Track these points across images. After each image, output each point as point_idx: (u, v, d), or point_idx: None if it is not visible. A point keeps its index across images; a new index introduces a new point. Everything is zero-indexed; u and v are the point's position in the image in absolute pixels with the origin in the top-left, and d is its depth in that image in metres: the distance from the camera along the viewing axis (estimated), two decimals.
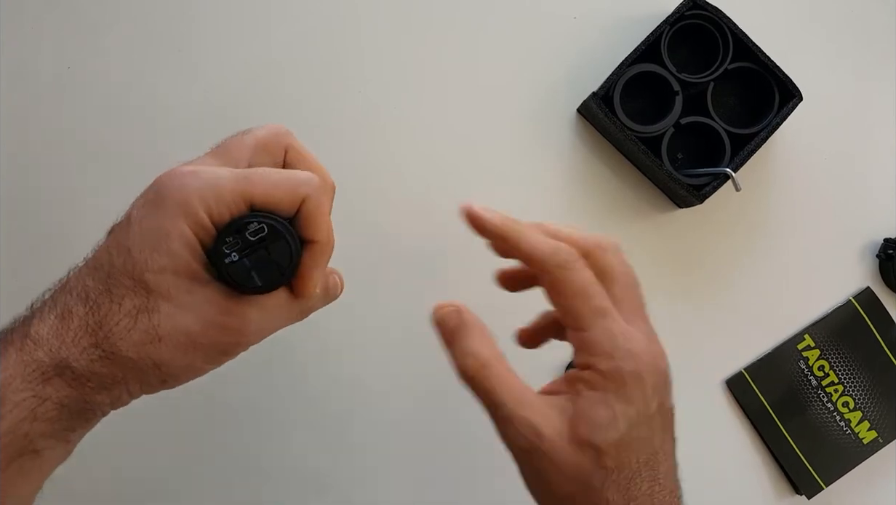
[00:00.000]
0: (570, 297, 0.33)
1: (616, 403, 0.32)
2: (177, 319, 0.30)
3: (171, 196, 0.30)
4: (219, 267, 0.30)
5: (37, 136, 0.54)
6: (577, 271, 0.33)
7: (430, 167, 0.56)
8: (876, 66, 0.59)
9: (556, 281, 0.33)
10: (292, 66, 0.56)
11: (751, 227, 0.58)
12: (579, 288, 0.33)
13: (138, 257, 0.30)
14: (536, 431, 0.32)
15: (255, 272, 0.30)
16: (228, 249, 0.30)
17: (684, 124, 0.53)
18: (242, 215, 0.30)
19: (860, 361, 0.57)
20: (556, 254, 0.33)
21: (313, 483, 0.54)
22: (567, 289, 0.33)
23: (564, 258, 0.33)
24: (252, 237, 0.30)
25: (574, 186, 0.57)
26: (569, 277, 0.33)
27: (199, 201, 0.30)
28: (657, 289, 0.57)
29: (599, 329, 0.33)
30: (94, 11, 0.55)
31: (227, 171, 0.31)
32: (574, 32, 0.57)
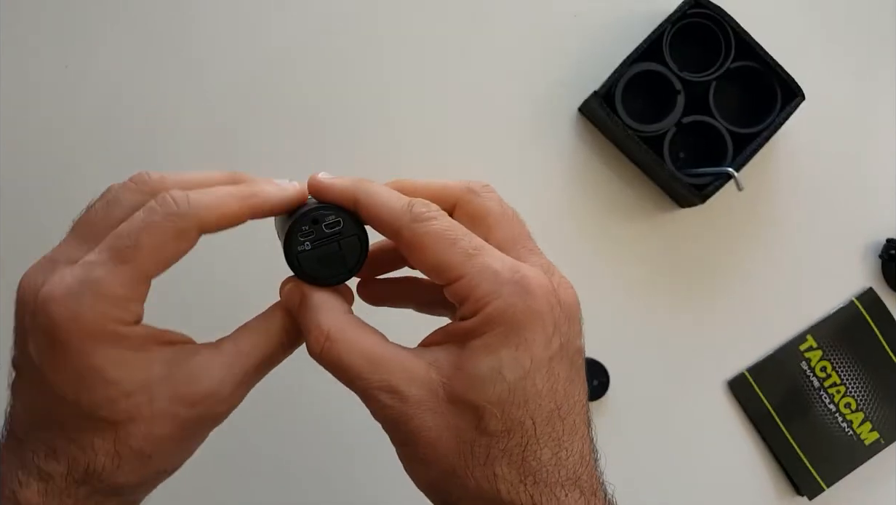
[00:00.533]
0: (432, 248, 0.28)
1: (503, 349, 0.27)
2: (155, 430, 0.28)
3: (69, 334, 0.26)
4: (290, 253, 0.30)
5: (34, 135, 0.54)
6: (436, 220, 0.28)
7: (429, 167, 0.56)
8: (879, 66, 0.59)
9: (414, 237, 0.28)
10: (292, 65, 0.56)
11: (753, 227, 0.57)
12: (440, 236, 0.28)
13: (80, 400, 0.27)
14: (398, 392, 0.27)
15: (322, 264, 0.30)
16: (303, 238, 0.29)
17: (686, 123, 0.53)
18: (320, 206, 0.30)
19: (862, 361, 0.57)
20: (409, 208, 0.28)
21: (314, 482, 0.54)
22: (427, 241, 0.28)
23: (419, 210, 0.28)
24: (327, 229, 0.30)
25: (575, 186, 0.57)
26: (426, 227, 0.28)
27: (106, 321, 0.27)
28: (658, 289, 0.57)
29: (476, 269, 0.27)
30: (92, 9, 0.55)
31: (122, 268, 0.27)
32: (575, 31, 0.57)
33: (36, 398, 0.28)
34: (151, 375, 0.28)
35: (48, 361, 0.27)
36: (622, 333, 0.56)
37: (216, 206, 0.28)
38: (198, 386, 0.29)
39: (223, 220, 0.28)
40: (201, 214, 0.27)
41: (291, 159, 0.55)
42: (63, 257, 0.28)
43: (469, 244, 0.28)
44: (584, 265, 0.56)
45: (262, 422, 0.53)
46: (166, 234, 0.27)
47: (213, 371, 0.29)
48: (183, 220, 0.27)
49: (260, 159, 0.55)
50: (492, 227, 0.30)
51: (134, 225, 0.27)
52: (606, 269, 0.57)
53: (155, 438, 0.28)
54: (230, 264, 0.52)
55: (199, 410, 0.29)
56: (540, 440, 0.27)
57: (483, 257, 0.28)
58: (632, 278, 0.57)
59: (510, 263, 0.28)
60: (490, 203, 0.31)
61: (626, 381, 0.55)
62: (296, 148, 0.55)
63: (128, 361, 0.27)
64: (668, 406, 0.56)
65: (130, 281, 0.27)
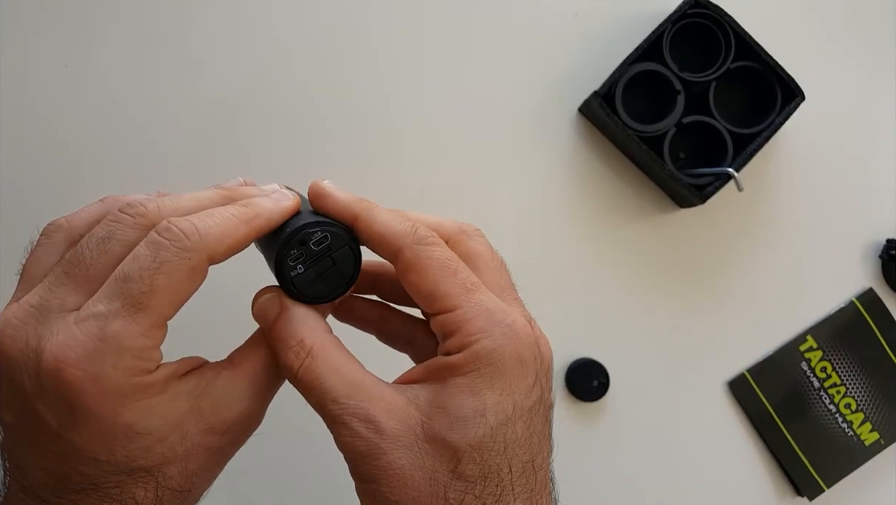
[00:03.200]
0: (433, 274, 0.27)
1: (487, 391, 0.26)
2: (190, 465, 0.27)
3: (93, 399, 0.24)
4: (284, 280, 0.29)
5: (34, 135, 0.54)
6: (438, 247, 0.28)
7: (429, 166, 0.56)
8: (879, 66, 0.59)
9: (416, 259, 0.28)
10: (291, 66, 0.56)
11: (753, 228, 0.57)
12: (442, 263, 0.28)
13: (115, 458, 0.25)
14: (374, 423, 0.25)
15: (320, 282, 0.29)
16: (293, 262, 0.28)
17: (686, 124, 0.53)
18: (304, 224, 0.29)
19: (862, 362, 0.57)
20: (414, 230, 0.28)
21: (314, 482, 0.53)
22: (429, 265, 0.28)
23: (423, 234, 0.28)
24: (316, 247, 0.29)
25: (575, 186, 0.56)
26: (430, 252, 0.28)
27: (129, 376, 0.25)
28: (658, 289, 0.57)
29: (472, 305, 0.27)
30: (92, 9, 0.55)
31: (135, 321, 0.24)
32: (575, 31, 0.57)
33: (58, 460, 0.25)
34: (179, 412, 0.26)
35: (71, 427, 0.24)
36: (622, 333, 0.56)
37: (225, 235, 0.26)
38: (227, 413, 0.27)
39: (232, 248, 0.27)
40: (211, 246, 0.26)
41: (291, 159, 0.55)
42: (55, 305, 0.25)
43: (468, 278, 0.28)
44: (584, 265, 0.56)
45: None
46: (181, 272, 0.25)
47: (238, 394, 0.28)
48: (196, 255, 0.25)
49: (259, 160, 0.55)
50: (481, 270, 0.30)
51: (144, 265, 0.25)
52: (606, 269, 0.57)
53: (191, 473, 0.27)
54: (227, 267, 0.52)
55: (229, 436, 0.28)
56: (515, 490, 0.26)
57: (479, 294, 0.28)
58: (632, 278, 0.57)
59: (502, 305, 0.28)
60: (481, 247, 0.31)
61: (626, 381, 0.55)
62: (295, 148, 0.55)
63: (156, 409, 0.26)
64: (668, 406, 0.56)
65: (150, 329, 0.25)
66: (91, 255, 0.26)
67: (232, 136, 0.55)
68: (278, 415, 0.32)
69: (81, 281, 0.26)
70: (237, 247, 0.27)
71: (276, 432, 0.32)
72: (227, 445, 0.28)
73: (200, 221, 0.26)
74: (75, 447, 0.25)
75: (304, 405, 0.28)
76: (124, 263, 0.25)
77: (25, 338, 0.25)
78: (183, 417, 0.26)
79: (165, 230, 0.25)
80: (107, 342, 0.24)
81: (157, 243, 0.25)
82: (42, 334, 0.25)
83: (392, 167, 0.56)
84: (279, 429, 0.54)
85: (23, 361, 0.25)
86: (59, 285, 0.26)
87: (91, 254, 0.26)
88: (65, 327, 0.24)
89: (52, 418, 0.24)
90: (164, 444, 0.26)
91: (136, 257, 0.25)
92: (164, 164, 0.54)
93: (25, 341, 0.25)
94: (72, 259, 0.26)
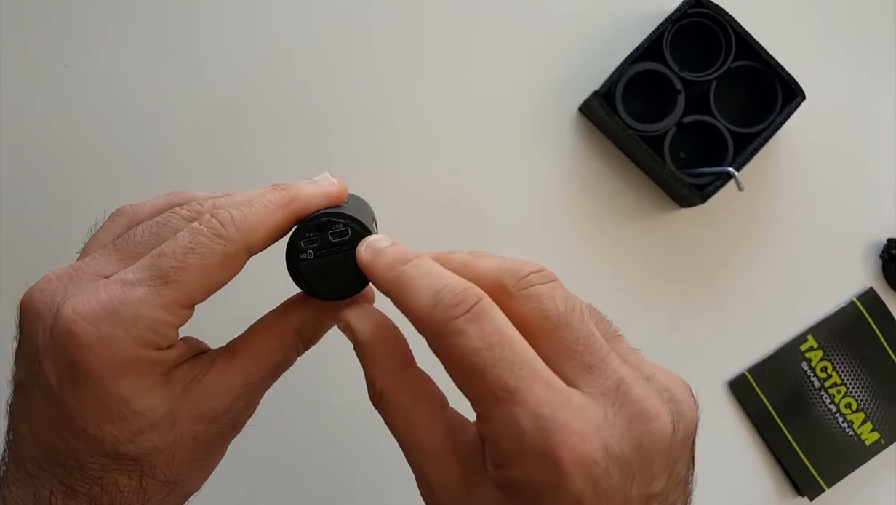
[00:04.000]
0: (457, 374, 0.23)
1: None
2: (177, 455, 0.26)
3: (98, 359, 0.24)
4: (291, 261, 0.28)
5: (34, 134, 0.54)
6: (464, 334, 0.22)
7: (429, 166, 0.56)
8: (880, 65, 0.59)
9: (440, 351, 0.23)
10: (292, 65, 0.56)
11: (753, 227, 0.57)
12: (467, 359, 0.22)
13: (102, 435, 0.25)
14: (430, 489, 0.25)
15: (326, 276, 0.28)
16: (306, 245, 0.27)
17: (687, 123, 0.53)
18: (328, 212, 0.28)
19: (863, 362, 0.57)
20: (435, 305, 0.23)
21: (315, 483, 0.53)
22: (452, 363, 0.23)
23: (442, 315, 0.23)
24: (333, 238, 0.27)
25: (575, 186, 0.56)
26: (454, 344, 0.23)
27: (140, 347, 0.24)
28: (658, 289, 0.57)
29: (501, 420, 0.22)
30: (92, 9, 0.55)
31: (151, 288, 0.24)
32: (575, 30, 0.57)
33: (50, 428, 0.25)
34: (174, 396, 0.26)
35: (69, 387, 0.24)
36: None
37: (261, 223, 0.26)
38: (217, 401, 0.27)
39: (270, 236, 0.27)
40: (248, 236, 0.26)
41: (291, 159, 0.55)
42: (93, 270, 0.26)
43: (499, 380, 0.22)
44: (583, 265, 0.56)
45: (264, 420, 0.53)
46: (215, 256, 0.25)
47: (231, 383, 0.27)
48: (232, 244, 0.25)
49: (260, 160, 0.55)
50: (537, 336, 0.24)
51: (180, 244, 0.25)
52: (606, 269, 0.57)
53: (177, 463, 0.26)
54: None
55: (219, 425, 0.27)
56: None
57: (510, 406, 0.22)
58: (632, 278, 0.56)
59: (544, 417, 0.22)
60: (528, 307, 0.24)
61: None
62: (295, 148, 0.55)
63: (154, 389, 0.25)
64: None
65: (172, 303, 0.25)
66: (143, 234, 0.27)
67: (232, 136, 0.55)
68: (272, 411, 0.32)
69: (124, 254, 0.26)
70: (276, 234, 0.27)
71: (270, 427, 0.32)
72: (215, 435, 0.27)
73: (237, 211, 0.26)
74: (68, 412, 0.24)
75: (300, 400, 0.28)
76: (165, 243, 0.26)
77: (53, 293, 0.25)
78: (177, 401, 0.26)
79: (206, 220, 0.26)
80: (126, 305, 0.24)
81: (196, 229, 0.26)
82: (70, 292, 0.25)
83: (392, 167, 0.56)
84: (273, 424, 0.54)
85: (44, 314, 0.25)
86: (103, 256, 0.27)
87: (143, 234, 0.27)
88: (92, 287, 0.25)
89: (53, 376, 0.24)
90: (155, 431, 0.25)
91: (175, 238, 0.26)
92: (164, 164, 0.54)
93: (52, 296, 0.25)
94: (124, 236, 0.27)
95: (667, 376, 0.26)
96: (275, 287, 0.30)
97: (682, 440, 0.24)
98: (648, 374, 0.25)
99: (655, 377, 0.25)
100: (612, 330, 0.28)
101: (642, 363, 0.26)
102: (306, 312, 0.29)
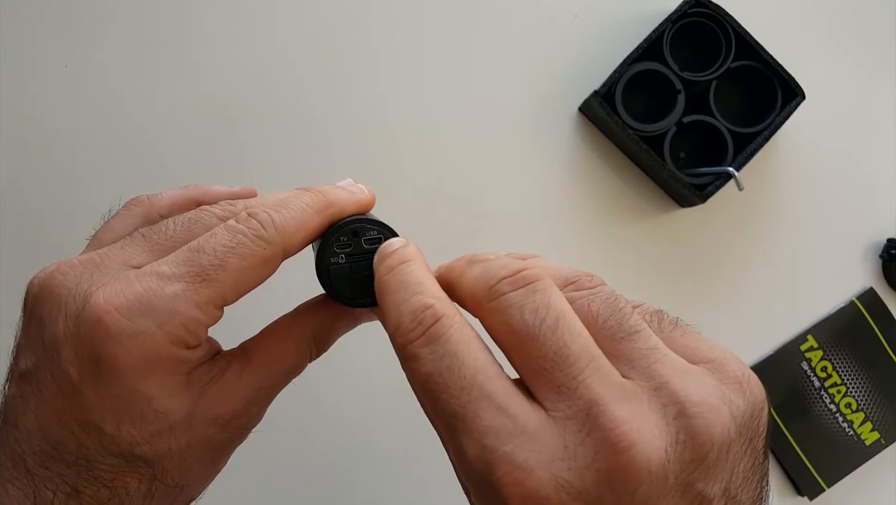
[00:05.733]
0: (420, 399, 0.22)
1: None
2: (188, 458, 0.25)
3: (127, 353, 0.23)
4: (322, 264, 0.27)
5: (33, 134, 0.54)
6: (418, 358, 0.22)
7: (430, 167, 0.56)
8: (880, 65, 0.59)
9: (406, 374, 0.22)
10: (292, 65, 0.55)
11: (753, 227, 0.57)
12: (420, 386, 0.22)
13: (119, 434, 0.23)
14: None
15: (353, 282, 0.27)
16: (339, 249, 0.27)
17: (686, 123, 0.53)
18: (362, 218, 0.28)
19: (863, 362, 0.57)
20: (397, 328, 0.23)
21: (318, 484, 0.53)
22: (414, 387, 0.22)
23: (404, 336, 0.22)
24: (366, 245, 0.27)
25: (575, 186, 0.56)
26: (409, 367, 0.22)
27: (170, 344, 0.23)
28: (658, 289, 0.57)
29: (452, 449, 0.22)
30: (92, 9, 0.55)
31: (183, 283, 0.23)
32: (575, 30, 0.57)
33: (60, 423, 0.24)
34: (193, 397, 0.25)
35: (91, 380, 0.23)
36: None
37: (300, 228, 0.26)
38: (231, 405, 0.26)
39: (306, 240, 0.26)
40: (287, 239, 0.25)
41: (291, 159, 0.55)
42: (121, 258, 0.25)
43: (447, 407, 0.21)
44: (583, 265, 0.56)
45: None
46: (254, 258, 0.25)
47: (247, 387, 0.27)
48: (271, 247, 0.25)
49: (260, 159, 0.55)
50: (509, 351, 0.22)
51: (220, 241, 0.24)
52: (606, 269, 0.56)
53: (188, 468, 0.25)
54: None
55: (230, 430, 0.27)
56: None
57: (459, 435, 0.21)
58: (631, 278, 0.56)
59: (489, 445, 0.20)
60: (497, 319, 0.23)
61: None
62: (295, 148, 0.55)
63: (179, 389, 0.24)
64: None
65: (207, 304, 0.24)
66: (175, 228, 0.26)
67: (232, 137, 0.55)
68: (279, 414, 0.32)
69: (155, 246, 0.25)
70: (311, 237, 0.27)
71: (275, 430, 0.32)
72: (225, 440, 0.27)
73: (277, 213, 0.26)
74: (85, 407, 0.23)
75: (302, 401, 0.28)
76: (200, 238, 0.25)
77: (78, 280, 0.24)
78: (195, 403, 0.25)
79: (245, 219, 0.25)
80: (162, 300, 0.23)
81: (236, 228, 0.25)
82: (97, 280, 0.24)
83: (392, 167, 0.56)
84: (279, 427, 0.54)
85: (67, 301, 0.24)
86: (131, 245, 0.26)
87: (175, 227, 0.26)
88: (124, 277, 0.24)
89: (73, 367, 0.23)
90: (172, 433, 0.24)
91: (213, 235, 0.25)
92: (163, 164, 0.54)
93: (77, 283, 0.24)
94: (153, 228, 0.26)
95: (694, 381, 0.21)
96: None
97: (690, 463, 0.20)
98: (661, 381, 0.21)
99: (669, 385, 0.21)
100: (632, 324, 0.23)
101: (662, 363, 0.22)
102: (324, 316, 0.29)
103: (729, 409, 0.21)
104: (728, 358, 0.23)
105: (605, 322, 0.23)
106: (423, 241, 0.29)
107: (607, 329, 0.23)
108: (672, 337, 0.24)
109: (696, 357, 0.23)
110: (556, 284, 0.23)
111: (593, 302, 0.24)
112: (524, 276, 0.23)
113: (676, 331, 0.24)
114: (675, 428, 0.20)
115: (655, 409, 0.21)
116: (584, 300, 0.24)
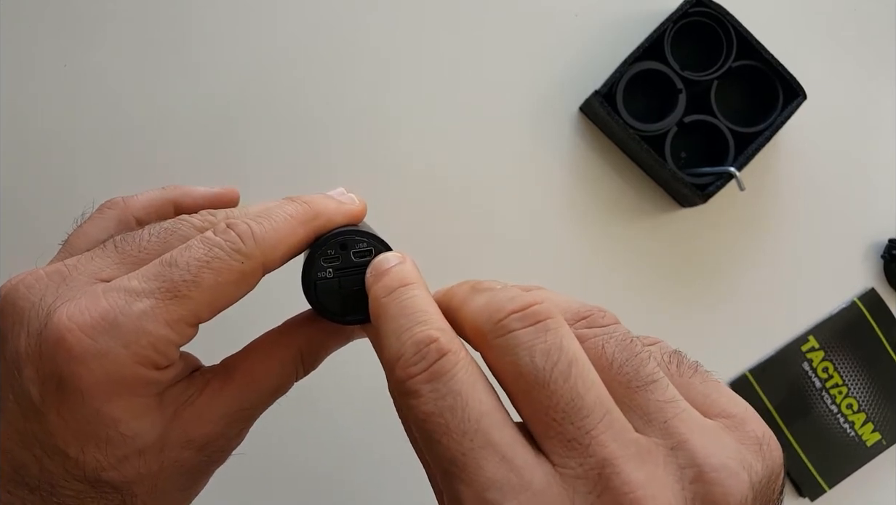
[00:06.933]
0: (418, 438, 0.20)
1: None
2: (160, 483, 0.24)
3: (90, 375, 0.21)
4: (308, 278, 0.26)
5: (33, 134, 0.54)
6: (418, 395, 0.20)
7: (430, 167, 0.56)
8: (881, 65, 0.58)
9: (400, 410, 0.21)
10: (292, 65, 0.55)
11: (754, 227, 0.57)
12: (419, 426, 0.20)
13: (84, 459, 0.22)
14: None
15: (342, 297, 0.26)
16: (326, 263, 0.26)
17: (688, 123, 0.52)
18: (351, 230, 0.26)
19: (864, 362, 0.57)
20: (398, 360, 0.21)
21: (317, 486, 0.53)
22: (412, 425, 0.21)
23: (404, 371, 0.20)
24: (356, 258, 0.26)
25: (576, 186, 0.56)
26: (408, 403, 0.20)
27: (138, 365, 0.22)
28: (659, 289, 0.57)
29: (449, 496, 0.20)
30: (92, 8, 0.55)
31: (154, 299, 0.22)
32: (576, 30, 0.57)
33: (22, 445, 0.22)
34: (165, 419, 0.23)
35: (53, 402, 0.22)
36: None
37: (281, 241, 0.24)
38: (209, 427, 0.24)
39: (289, 254, 0.25)
40: (266, 253, 0.24)
41: (291, 159, 0.55)
42: (89, 271, 0.23)
43: (446, 452, 0.19)
44: (584, 265, 0.56)
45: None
46: (231, 274, 0.23)
47: (226, 407, 0.25)
48: (249, 262, 0.23)
49: (260, 160, 0.55)
50: (516, 395, 0.21)
51: (194, 255, 0.23)
52: (606, 269, 0.56)
53: (161, 493, 0.24)
54: None
55: (207, 452, 0.25)
56: None
57: (457, 483, 0.19)
58: (632, 279, 0.56)
59: (491, 499, 0.19)
60: (504, 360, 0.21)
61: None
62: (295, 147, 0.55)
63: (148, 412, 0.23)
64: None
65: (178, 322, 0.22)
66: (149, 238, 0.24)
67: (232, 137, 0.55)
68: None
69: (127, 258, 0.24)
70: (295, 251, 0.25)
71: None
72: (202, 463, 0.25)
73: (258, 225, 0.24)
74: (48, 429, 0.22)
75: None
76: (174, 251, 0.23)
77: (43, 293, 0.23)
78: (167, 425, 0.24)
79: (223, 231, 0.24)
80: (129, 318, 0.22)
81: (212, 241, 0.23)
82: (63, 294, 0.22)
83: (391, 168, 0.55)
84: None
85: (31, 316, 0.22)
86: (102, 256, 0.24)
87: (149, 237, 0.24)
88: (90, 292, 0.22)
89: (35, 387, 0.22)
90: (142, 457, 0.23)
91: (188, 247, 0.23)
92: (163, 164, 0.54)
93: (42, 297, 0.22)
94: (126, 237, 0.24)
95: (713, 441, 0.20)
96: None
97: None
98: (679, 440, 0.20)
99: (687, 445, 0.20)
100: (649, 372, 0.21)
101: (681, 419, 0.20)
102: (311, 333, 0.27)
103: (748, 475, 0.20)
104: (748, 416, 0.22)
105: (621, 368, 0.21)
106: (422, 242, 0.28)
107: (622, 376, 0.21)
108: (691, 383, 0.23)
109: (714, 409, 0.22)
110: (565, 320, 0.22)
111: (608, 344, 0.22)
112: (535, 311, 0.21)
113: (696, 377, 0.23)
114: (692, 494, 0.19)
115: (671, 471, 0.19)
116: (598, 339, 0.22)
